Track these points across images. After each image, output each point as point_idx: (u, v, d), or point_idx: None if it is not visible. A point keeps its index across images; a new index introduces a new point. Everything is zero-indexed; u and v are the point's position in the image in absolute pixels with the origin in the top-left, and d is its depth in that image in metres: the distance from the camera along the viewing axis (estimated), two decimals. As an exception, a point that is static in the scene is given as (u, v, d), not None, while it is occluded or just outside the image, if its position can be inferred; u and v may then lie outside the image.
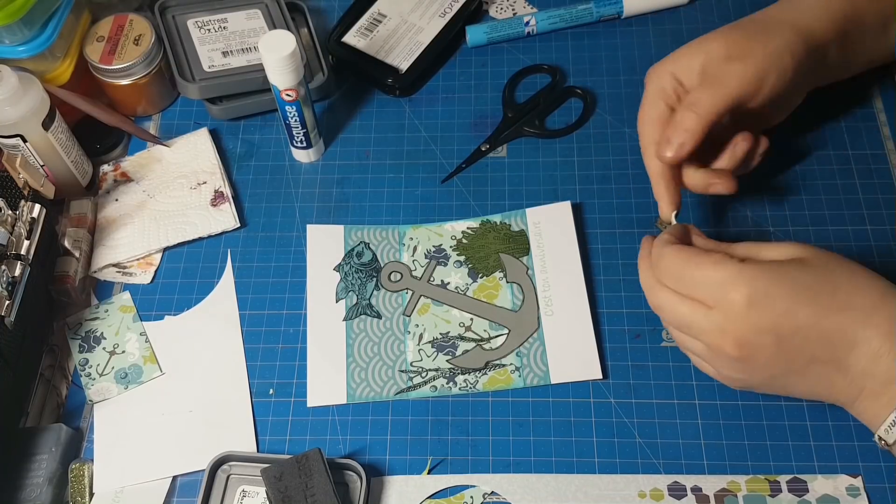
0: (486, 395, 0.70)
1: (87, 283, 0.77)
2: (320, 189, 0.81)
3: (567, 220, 0.76)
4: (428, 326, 0.73)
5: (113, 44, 0.81)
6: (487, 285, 0.75)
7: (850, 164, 0.79)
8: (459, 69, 0.88)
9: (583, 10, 0.87)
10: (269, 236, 0.79)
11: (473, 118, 0.84)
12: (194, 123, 0.85)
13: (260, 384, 0.71)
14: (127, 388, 0.72)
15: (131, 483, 0.68)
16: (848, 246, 0.75)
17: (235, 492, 0.66)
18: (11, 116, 0.71)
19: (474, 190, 0.80)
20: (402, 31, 0.87)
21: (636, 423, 0.68)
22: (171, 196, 0.80)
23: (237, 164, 0.83)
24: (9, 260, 0.68)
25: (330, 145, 0.84)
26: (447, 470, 0.67)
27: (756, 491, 0.65)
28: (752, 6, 0.88)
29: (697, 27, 0.88)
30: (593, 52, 0.87)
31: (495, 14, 0.90)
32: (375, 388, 0.70)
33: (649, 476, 0.66)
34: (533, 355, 0.71)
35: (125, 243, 0.78)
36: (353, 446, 0.68)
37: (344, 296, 0.75)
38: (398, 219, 0.79)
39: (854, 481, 0.65)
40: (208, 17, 0.85)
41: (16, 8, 0.72)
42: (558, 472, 0.66)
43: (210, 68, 0.82)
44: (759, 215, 0.77)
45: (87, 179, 0.81)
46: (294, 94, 0.74)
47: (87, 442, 0.70)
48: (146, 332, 0.74)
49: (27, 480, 0.66)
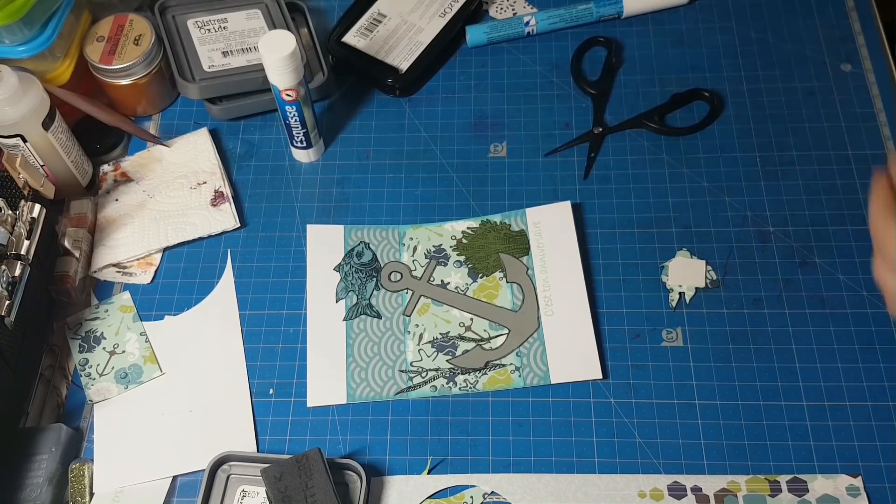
0: (486, 395, 0.70)
1: (87, 283, 0.77)
2: (320, 189, 0.81)
3: (567, 220, 0.76)
4: (428, 326, 0.73)
5: (113, 44, 0.80)
6: (487, 285, 0.75)
7: (850, 164, 0.79)
8: (459, 69, 0.88)
9: (583, 10, 0.87)
10: (269, 236, 0.79)
11: (473, 118, 0.84)
12: (194, 123, 0.85)
13: (260, 384, 0.71)
14: (127, 388, 0.72)
15: (131, 483, 0.68)
16: (848, 246, 0.75)
17: (235, 492, 0.66)
18: (11, 116, 0.71)
19: (474, 190, 0.80)
20: (402, 31, 0.87)
21: (636, 423, 0.68)
22: (171, 196, 0.80)
23: (237, 164, 0.83)
24: (9, 260, 0.68)
25: (330, 145, 0.84)
26: (447, 470, 0.67)
27: (756, 491, 0.65)
28: (752, 7, 0.89)
29: (697, 27, 0.88)
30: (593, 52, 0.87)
31: (495, 14, 0.90)
32: (375, 388, 0.70)
33: (649, 476, 0.66)
34: (533, 355, 0.71)
35: (125, 243, 0.78)
36: (353, 446, 0.68)
37: (344, 296, 0.75)
38: (398, 219, 0.79)
39: (854, 481, 0.65)
40: (208, 17, 0.85)
41: (16, 8, 0.72)
42: (558, 472, 0.66)
43: (210, 68, 0.82)
44: (759, 215, 0.77)
45: (87, 179, 0.81)
46: (294, 94, 0.74)
47: (87, 442, 0.70)
48: (146, 332, 0.74)
49: (27, 480, 0.66)
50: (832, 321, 0.71)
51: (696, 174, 0.79)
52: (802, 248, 0.75)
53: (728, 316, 0.72)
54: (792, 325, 0.71)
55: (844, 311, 0.72)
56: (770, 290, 0.73)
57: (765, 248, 0.75)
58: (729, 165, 0.79)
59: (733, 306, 0.72)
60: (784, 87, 0.83)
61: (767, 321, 0.72)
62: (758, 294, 0.73)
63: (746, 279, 0.74)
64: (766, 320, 0.72)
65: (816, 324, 0.71)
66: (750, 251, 0.75)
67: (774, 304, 0.72)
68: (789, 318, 0.72)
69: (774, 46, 0.86)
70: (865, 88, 0.83)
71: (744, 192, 0.78)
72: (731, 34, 0.87)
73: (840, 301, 0.72)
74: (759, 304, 0.72)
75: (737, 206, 0.77)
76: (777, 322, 0.72)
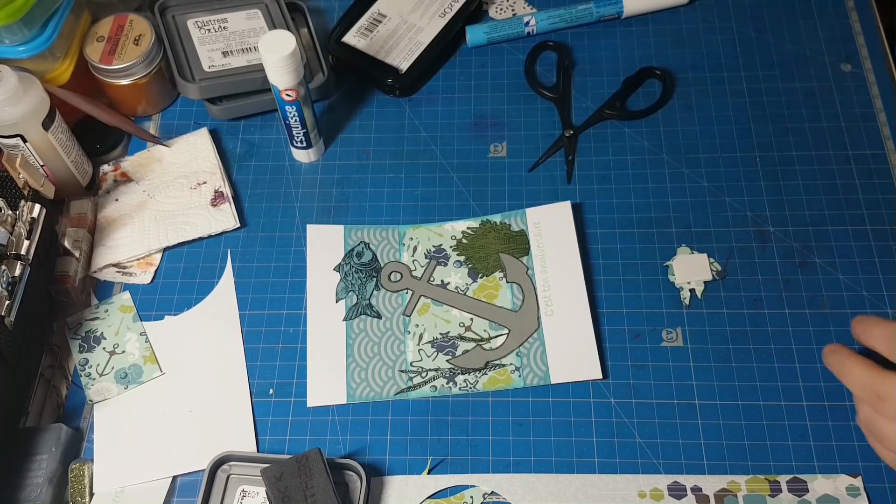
0: (486, 395, 0.70)
1: (87, 283, 0.77)
2: (320, 189, 0.81)
3: (567, 220, 0.76)
4: (428, 326, 0.73)
5: (113, 44, 0.80)
6: (487, 285, 0.75)
7: (850, 164, 0.79)
8: (459, 69, 0.88)
9: (583, 10, 0.87)
10: (269, 236, 0.79)
11: (473, 118, 0.84)
12: (194, 123, 0.85)
13: (260, 384, 0.71)
14: (127, 388, 0.72)
15: (131, 483, 0.68)
16: (848, 246, 0.75)
17: (235, 492, 0.66)
18: (11, 116, 0.71)
19: (474, 190, 0.80)
20: (402, 31, 0.87)
21: (636, 423, 0.68)
22: (171, 196, 0.80)
23: (237, 164, 0.83)
24: (9, 260, 0.68)
25: (330, 145, 0.84)
26: (447, 470, 0.67)
27: (756, 491, 0.65)
28: (752, 7, 0.89)
29: (697, 27, 0.88)
30: (593, 53, 0.87)
31: (495, 14, 0.90)
32: (375, 388, 0.70)
33: (649, 476, 0.66)
34: (533, 355, 0.71)
35: (125, 243, 0.78)
36: (353, 446, 0.68)
37: (344, 296, 0.75)
38: (398, 219, 0.79)
39: (854, 481, 0.65)
40: (208, 17, 0.85)
41: (16, 8, 0.72)
42: (558, 472, 0.66)
43: (210, 68, 0.82)
44: (759, 215, 0.77)
45: (87, 179, 0.81)
46: (294, 94, 0.74)
47: (87, 442, 0.70)
48: (146, 332, 0.74)
49: (27, 480, 0.66)
50: (832, 321, 0.71)
51: (696, 174, 0.79)
52: (802, 248, 0.75)
53: (728, 316, 0.72)
54: (792, 325, 0.71)
55: (844, 311, 0.72)
56: (770, 290, 0.73)
57: (765, 248, 0.75)
58: (729, 165, 0.79)
59: (733, 306, 0.72)
60: (784, 87, 0.83)
61: (767, 321, 0.72)
62: (758, 294, 0.73)
63: (746, 279, 0.74)
64: (766, 320, 0.72)
65: (816, 324, 0.71)
66: (750, 251, 0.75)
67: (774, 304, 0.72)
68: (789, 318, 0.72)
69: (774, 46, 0.86)
70: (865, 88, 0.83)
71: (744, 192, 0.78)
72: (731, 34, 0.87)
73: (840, 301, 0.72)
74: (759, 304, 0.72)
75: (737, 206, 0.77)
76: (777, 322, 0.72)
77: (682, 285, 0.73)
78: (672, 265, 0.74)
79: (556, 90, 0.84)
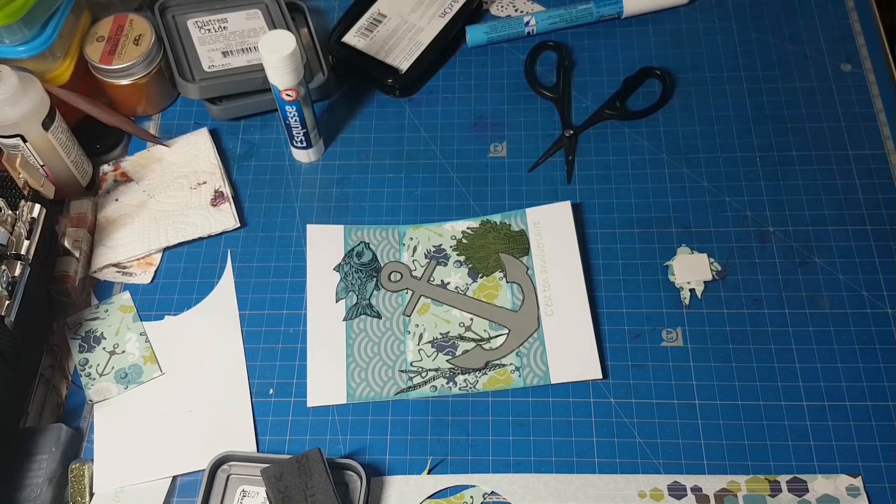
0: (486, 395, 0.70)
1: (87, 283, 0.77)
2: (320, 189, 0.81)
3: (567, 220, 0.76)
4: (428, 326, 0.73)
5: (113, 44, 0.80)
6: (487, 285, 0.75)
7: (850, 164, 0.79)
8: (459, 69, 0.88)
9: (583, 10, 0.87)
10: (269, 236, 0.79)
11: (473, 118, 0.84)
12: (194, 123, 0.85)
13: (260, 384, 0.71)
14: (127, 388, 0.72)
15: (131, 483, 0.68)
16: (848, 246, 0.75)
17: (235, 492, 0.66)
18: (11, 116, 0.71)
19: (474, 190, 0.80)
20: (402, 31, 0.87)
21: (636, 423, 0.68)
22: (171, 196, 0.80)
23: (237, 164, 0.83)
24: (9, 260, 0.68)
25: (330, 145, 0.84)
26: (447, 470, 0.67)
27: (756, 491, 0.65)
28: (752, 7, 0.89)
29: (697, 27, 0.88)
30: (593, 53, 0.87)
31: (496, 11, 0.90)
32: (375, 388, 0.70)
33: (649, 476, 0.66)
34: (533, 355, 0.71)
35: (125, 243, 0.78)
36: (353, 446, 0.68)
37: (344, 296, 0.75)
38: (398, 219, 0.79)
39: (854, 481, 0.65)
40: (208, 17, 0.85)
41: (16, 8, 0.72)
42: (558, 472, 0.66)
43: (210, 68, 0.82)
44: (760, 215, 0.77)
45: (87, 179, 0.81)
46: (294, 94, 0.74)
47: (87, 442, 0.70)
48: (146, 332, 0.74)
49: (27, 480, 0.66)
50: (832, 321, 0.71)
51: (696, 174, 0.79)
52: (802, 248, 0.75)
53: (728, 316, 0.72)
54: (792, 325, 0.71)
55: (844, 311, 0.72)
56: (770, 290, 0.73)
57: (765, 248, 0.75)
58: (729, 165, 0.79)
59: (733, 306, 0.72)
60: (784, 87, 0.83)
61: (767, 321, 0.72)
62: (758, 294, 0.73)
63: (746, 279, 0.74)
64: (766, 320, 0.72)
65: (816, 324, 0.71)
66: (750, 251, 0.75)
67: (774, 304, 0.72)
68: (789, 318, 0.72)
69: (774, 46, 0.86)
70: (865, 88, 0.83)
71: (744, 192, 0.78)
72: (731, 34, 0.87)
73: (840, 301, 0.72)
74: (759, 304, 0.72)
75: (737, 206, 0.77)
76: (777, 322, 0.72)
77: (682, 285, 0.73)
78: (672, 265, 0.74)
79: (556, 90, 0.84)
